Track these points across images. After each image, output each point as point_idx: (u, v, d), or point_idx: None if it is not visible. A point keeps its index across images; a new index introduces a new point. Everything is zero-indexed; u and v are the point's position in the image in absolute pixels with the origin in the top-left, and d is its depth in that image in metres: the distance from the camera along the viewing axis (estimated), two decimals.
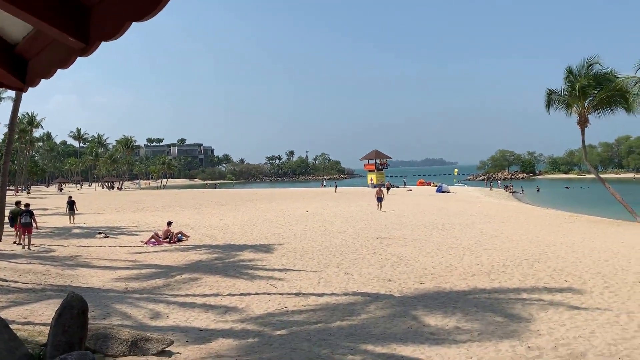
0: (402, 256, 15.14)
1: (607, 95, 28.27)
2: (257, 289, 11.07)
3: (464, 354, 6.81)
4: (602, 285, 10.97)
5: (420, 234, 20.62)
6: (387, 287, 11.14)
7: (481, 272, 12.66)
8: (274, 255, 15.59)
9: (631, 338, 7.46)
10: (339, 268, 13.40)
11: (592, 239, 18.80)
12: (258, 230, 22.36)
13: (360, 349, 7.02)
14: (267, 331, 7.96)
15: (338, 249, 16.72)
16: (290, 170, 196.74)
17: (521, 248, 16.42)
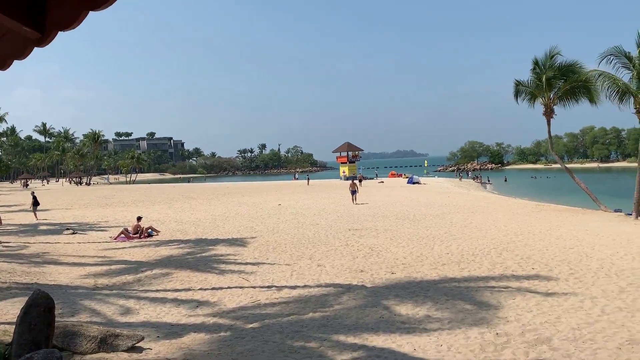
0: (374, 247, 15.27)
1: (571, 86, 28.95)
2: (230, 283, 11.02)
3: (434, 342, 6.92)
4: (568, 272, 11.27)
5: (392, 224, 20.81)
6: (359, 277, 11.22)
7: (451, 261, 12.87)
8: (247, 249, 15.53)
9: (594, 322, 7.70)
10: (311, 260, 13.43)
11: (558, 228, 19.29)
12: (230, 224, 22.23)
13: (332, 340, 7.07)
14: (240, 324, 7.94)
15: (311, 241, 16.76)
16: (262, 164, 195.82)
17: (490, 237, 16.75)
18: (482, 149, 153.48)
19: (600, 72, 25.15)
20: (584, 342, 6.88)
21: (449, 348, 6.70)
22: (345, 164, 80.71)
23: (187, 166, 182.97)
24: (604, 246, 14.58)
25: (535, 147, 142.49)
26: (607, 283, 10.17)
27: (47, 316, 5.45)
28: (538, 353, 6.49)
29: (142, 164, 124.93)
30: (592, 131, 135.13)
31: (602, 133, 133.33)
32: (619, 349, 6.56)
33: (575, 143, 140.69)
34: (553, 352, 6.53)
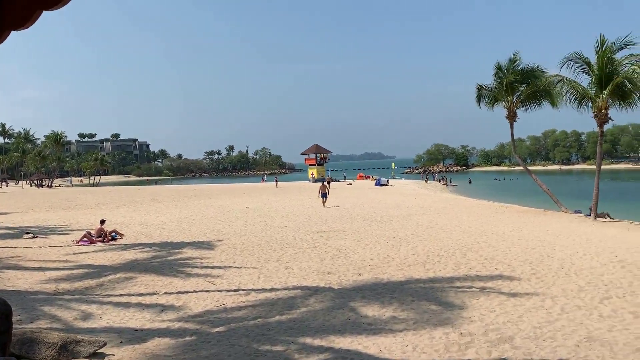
0: (341, 249, 15.33)
1: (533, 90, 29.73)
2: (195, 287, 10.88)
3: (399, 343, 6.99)
4: (530, 272, 11.55)
5: (359, 226, 20.94)
6: (326, 279, 11.24)
7: (417, 262, 13.02)
8: (213, 252, 15.37)
9: (554, 321, 7.91)
10: (279, 263, 13.39)
11: (521, 228, 19.76)
12: (196, 227, 21.97)
13: (299, 342, 7.06)
14: (205, 329, 7.85)
15: (278, 243, 16.70)
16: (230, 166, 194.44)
17: (455, 238, 17.02)
18: (447, 151, 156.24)
19: (560, 78, 25.91)
20: (545, 340, 7.06)
21: (414, 348, 6.78)
22: (313, 166, 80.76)
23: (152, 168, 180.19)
24: (564, 246, 15.01)
25: (499, 149, 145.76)
26: (567, 282, 10.47)
27: (4, 323, 5.24)
28: (500, 352, 6.63)
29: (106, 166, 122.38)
30: (554, 134, 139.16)
31: (563, 136, 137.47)
32: (578, 347, 6.76)
33: (537, 146, 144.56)
34: (515, 350, 6.67)
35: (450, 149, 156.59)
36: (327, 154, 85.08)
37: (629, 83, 23.15)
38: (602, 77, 23.83)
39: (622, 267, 11.82)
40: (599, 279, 10.72)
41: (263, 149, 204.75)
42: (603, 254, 13.59)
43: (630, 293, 9.51)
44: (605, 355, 6.47)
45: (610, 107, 24.29)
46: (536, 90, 29.24)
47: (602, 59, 23.72)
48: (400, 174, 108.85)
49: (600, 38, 24.08)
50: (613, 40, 23.84)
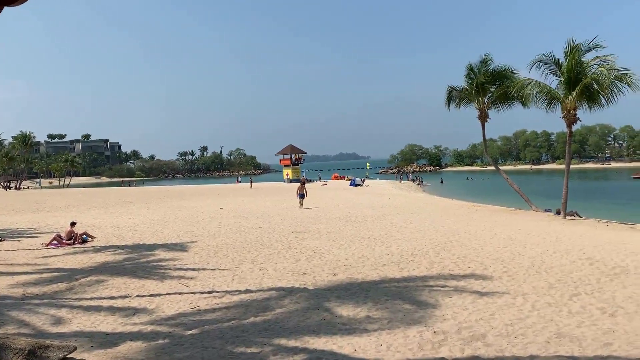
0: (316, 249, 15.32)
1: (504, 91, 30.24)
2: (168, 289, 10.74)
3: (374, 342, 7.02)
4: (502, 270, 11.73)
5: (334, 227, 20.97)
6: (301, 280, 11.23)
7: (391, 261, 13.10)
8: (187, 254, 15.20)
9: (525, 318, 8.05)
10: (253, 264, 13.31)
11: (493, 227, 20.07)
12: (169, 229, 21.70)
13: (273, 344, 7.03)
14: (179, 331, 7.76)
15: (253, 245, 16.61)
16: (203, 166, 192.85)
17: (428, 237, 17.19)
18: (421, 151, 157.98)
19: (529, 81, 26.41)
20: (516, 337, 7.17)
21: (388, 347, 6.82)
22: (288, 166, 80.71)
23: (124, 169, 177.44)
24: (534, 244, 15.30)
25: (471, 149, 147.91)
26: (537, 280, 10.67)
27: None
28: (473, 349, 6.71)
29: (76, 167, 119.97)
30: (525, 135, 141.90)
31: (534, 136, 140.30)
32: (548, 343, 6.89)
33: (508, 146, 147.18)
34: (487, 348, 6.77)
35: (424, 150, 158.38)
36: (302, 154, 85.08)
37: (596, 84, 23.73)
38: (570, 78, 24.37)
39: (591, 264, 12.10)
40: (568, 276, 10.95)
41: (237, 150, 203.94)
42: (572, 251, 13.89)
43: (598, 290, 9.74)
44: (574, 350, 6.61)
45: (578, 108, 24.86)
46: (507, 91, 29.75)
47: (571, 61, 24.26)
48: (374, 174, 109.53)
49: (570, 41, 24.65)
50: (581, 43, 24.44)
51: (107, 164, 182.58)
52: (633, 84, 22.73)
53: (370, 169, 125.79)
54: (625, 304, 8.74)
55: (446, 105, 33.91)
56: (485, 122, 32.14)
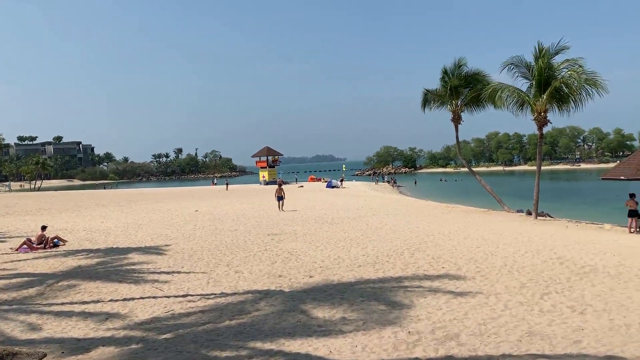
0: (293, 251, 15.31)
1: (476, 94, 30.69)
2: (142, 293, 10.60)
3: (349, 343, 7.05)
4: (475, 270, 11.91)
5: (311, 228, 20.98)
6: (277, 282, 11.20)
7: (367, 262, 13.18)
8: (161, 257, 15.02)
9: (498, 317, 8.19)
10: (229, 267, 13.23)
11: (466, 228, 20.33)
12: (143, 232, 21.40)
13: (248, 347, 7.00)
14: (152, 336, 7.67)
15: (229, 247, 16.51)
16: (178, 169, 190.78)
17: (403, 238, 17.33)
18: (396, 153, 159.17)
19: (501, 85, 26.84)
20: (489, 336, 7.29)
21: (363, 348, 6.86)
22: (265, 168, 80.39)
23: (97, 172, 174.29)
24: (507, 245, 15.56)
25: (445, 151, 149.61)
26: (509, 279, 10.85)
27: None
28: (447, 349, 6.79)
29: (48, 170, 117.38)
30: (497, 136, 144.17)
31: (506, 138, 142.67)
32: (520, 341, 7.02)
33: (481, 148, 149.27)
34: (461, 347, 6.86)
35: (399, 151, 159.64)
36: (278, 156, 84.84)
37: (566, 87, 24.23)
38: (541, 81, 24.85)
39: (561, 263, 12.37)
40: (539, 275, 11.17)
41: (213, 152, 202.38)
42: (543, 251, 14.17)
43: (568, 288, 9.97)
44: (545, 348, 6.75)
45: (549, 111, 25.36)
46: (479, 94, 30.19)
47: (540, 64, 24.74)
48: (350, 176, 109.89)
49: (538, 44, 25.16)
50: (548, 46, 24.96)
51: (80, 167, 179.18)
52: (601, 88, 23.28)
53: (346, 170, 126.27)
54: (594, 302, 8.96)
55: (422, 108, 34.27)
56: (459, 124, 32.58)
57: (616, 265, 12.07)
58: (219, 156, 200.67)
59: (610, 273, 11.22)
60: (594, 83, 23.48)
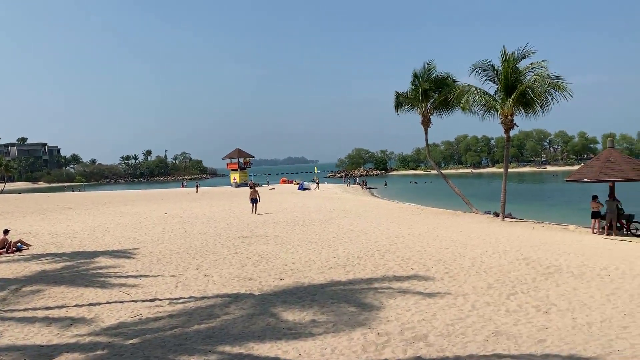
0: (263, 254, 15.23)
1: (445, 97, 31.14)
2: (109, 298, 10.39)
3: (319, 346, 7.05)
4: (443, 271, 12.05)
5: (282, 231, 20.92)
6: (247, 286, 11.13)
7: (338, 264, 13.21)
8: (129, 261, 14.75)
9: (466, 317, 8.30)
10: (198, 270, 13.08)
11: (435, 229, 20.58)
12: (111, 235, 21.00)
13: (217, 351, 6.93)
14: (118, 341, 7.52)
15: (198, 251, 16.33)
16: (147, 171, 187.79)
17: (374, 240, 17.44)
18: (367, 155, 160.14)
19: (468, 88, 27.30)
20: (456, 336, 7.39)
21: (332, 350, 6.87)
22: (236, 170, 79.86)
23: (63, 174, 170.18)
24: (475, 246, 15.81)
25: (415, 154, 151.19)
26: (477, 280, 11.03)
27: None
28: (415, 350, 6.86)
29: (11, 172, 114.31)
30: (466, 139, 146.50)
31: (474, 141, 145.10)
32: (486, 341, 7.13)
33: (451, 150, 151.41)
34: (429, 348, 6.93)
35: (370, 154, 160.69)
36: (249, 158, 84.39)
37: (531, 91, 24.78)
38: (507, 85, 25.36)
39: (527, 264, 12.63)
40: (506, 276, 11.38)
41: (183, 154, 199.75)
42: (510, 252, 14.45)
43: (534, 288, 10.18)
44: (510, 347, 6.87)
45: (515, 114, 25.89)
46: (448, 97, 30.65)
47: (506, 69, 25.25)
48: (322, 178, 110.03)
49: (504, 49, 25.67)
50: (514, 51, 25.50)
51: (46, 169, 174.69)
52: (565, 91, 23.90)
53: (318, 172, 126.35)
54: (558, 301, 9.17)
55: (396, 110, 34.56)
56: (428, 127, 32.99)
57: (579, 265, 12.39)
58: (189, 158, 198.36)
59: (574, 273, 11.51)
60: (558, 86, 24.09)
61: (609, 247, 15.78)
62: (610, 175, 20.04)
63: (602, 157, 21.50)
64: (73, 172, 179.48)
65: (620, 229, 20.28)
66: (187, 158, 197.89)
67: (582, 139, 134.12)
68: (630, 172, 19.87)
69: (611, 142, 22.92)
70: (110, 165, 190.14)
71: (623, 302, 9.00)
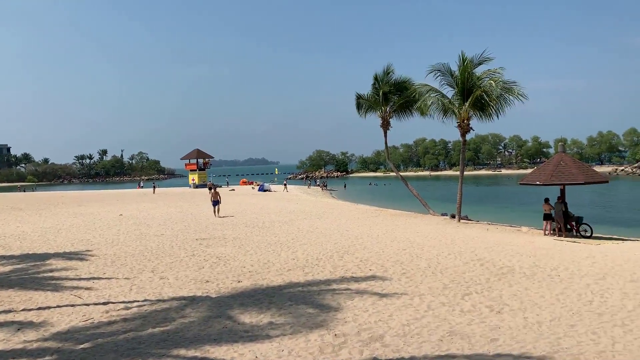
0: (221, 256, 15.07)
1: (405, 101, 31.61)
2: (59, 302, 10.05)
3: (275, 348, 7.02)
4: (400, 272, 12.21)
5: (241, 233, 20.74)
6: (204, 288, 10.98)
7: (297, 266, 13.19)
8: (81, 264, 14.32)
9: (421, 318, 8.43)
10: (154, 273, 12.81)
11: (394, 231, 20.84)
12: (63, 237, 20.34)
13: (171, 355, 6.81)
14: (69, 346, 7.28)
15: (154, 253, 16.00)
16: (103, 171, 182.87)
17: (333, 241, 17.51)
18: (329, 157, 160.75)
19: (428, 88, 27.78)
20: (412, 336, 7.49)
21: (289, 352, 6.85)
22: (194, 171, 78.72)
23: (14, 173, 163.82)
24: (431, 247, 16.09)
25: (375, 156, 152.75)
26: (433, 281, 11.22)
27: None
28: (371, 351, 6.91)
29: None
30: (424, 142, 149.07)
31: (432, 144, 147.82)
32: (441, 341, 7.26)
33: (409, 153, 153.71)
34: (385, 348, 7.00)
35: (331, 156, 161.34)
36: (209, 159, 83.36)
37: (487, 96, 25.44)
38: (464, 89, 25.96)
39: (481, 265, 12.93)
40: (461, 276, 11.62)
41: (140, 153, 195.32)
42: (465, 253, 14.77)
43: (488, 289, 10.43)
44: (464, 347, 7.01)
45: (471, 118, 26.53)
46: (407, 100, 31.12)
47: (464, 74, 25.84)
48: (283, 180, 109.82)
49: (462, 54, 26.27)
50: (472, 57, 26.13)
51: None
52: (519, 96, 24.67)
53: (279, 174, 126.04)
54: (511, 301, 9.43)
55: (357, 112, 34.86)
56: (388, 129, 33.41)
57: (531, 266, 12.77)
58: (147, 158, 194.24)
59: (526, 273, 11.86)
60: (512, 92, 24.83)
61: (559, 249, 16.34)
62: (561, 179, 20.77)
63: (553, 161, 22.24)
64: (24, 171, 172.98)
65: (570, 230, 21.04)
66: (145, 158, 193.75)
67: (536, 143, 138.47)
68: (579, 175, 20.65)
69: (562, 147, 23.73)
70: (63, 165, 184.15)
71: (571, 301, 9.33)
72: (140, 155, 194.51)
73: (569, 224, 21.01)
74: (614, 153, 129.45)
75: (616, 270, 12.16)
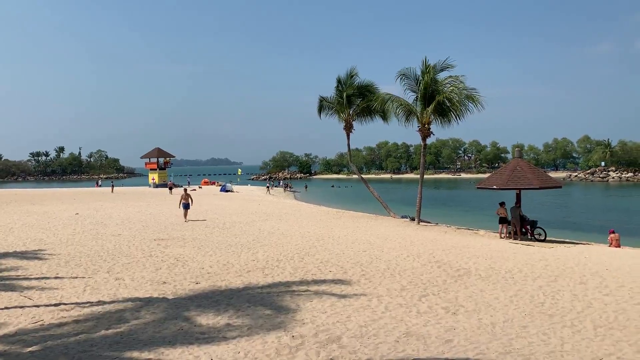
0: (179, 257, 14.84)
1: (367, 105, 31.90)
2: (7, 303, 9.68)
3: (232, 350, 6.95)
4: (360, 273, 12.30)
5: (200, 233, 20.48)
6: (160, 290, 10.78)
7: (257, 268, 13.12)
8: (33, 264, 13.84)
9: (379, 319, 8.51)
10: (109, 274, 12.51)
11: (354, 232, 20.99)
12: (15, 236, 19.62)
13: (124, 357, 6.65)
14: (16, 349, 7.02)
15: (110, 253, 15.62)
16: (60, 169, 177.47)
17: (294, 243, 17.49)
18: (292, 159, 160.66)
19: (389, 96, 28.16)
20: (369, 338, 7.55)
21: (246, 355, 6.79)
22: (155, 170, 77.19)
23: None
24: (391, 249, 16.28)
25: (338, 158, 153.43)
26: (391, 282, 11.35)
27: None
28: (328, 352, 6.93)
29: None
30: (387, 146, 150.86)
31: (395, 148, 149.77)
32: (397, 342, 7.34)
33: (372, 156, 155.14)
34: (342, 349, 7.03)
35: (295, 157, 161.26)
36: (170, 158, 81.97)
37: (448, 102, 25.94)
38: (426, 94, 26.39)
39: (439, 267, 13.16)
40: (419, 278, 11.80)
41: (98, 151, 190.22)
42: (423, 255, 15.01)
43: (444, 290, 10.62)
44: (419, 348, 7.11)
45: (432, 123, 26.98)
46: (370, 104, 31.42)
47: (426, 79, 26.27)
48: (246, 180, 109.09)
49: (425, 60, 26.72)
50: (435, 63, 26.59)
51: None
52: (479, 103, 25.26)
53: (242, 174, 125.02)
54: (466, 303, 9.62)
55: (318, 114, 34.97)
56: (350, 132, 33.65)
57: (487, 268, 13.08)
58: (105, 156, 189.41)
59: (482, 275, 12.14)
60: (472, 98, 25.40)
61: (514, 251, 16.78)
62: (517, 184, 21.32)
63: (510, 166, 22.83)
64: None
65: (525, 234, 21.63)
66: (103, 156, 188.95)
67: (494, 148, 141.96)
68: (534, 180, 21.25)
69: (519, 152, 24.38)
70: (18, 162, 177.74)
71: (524, 303, 9.60)
72: (99, 154, 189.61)
73: (524, 227, 21.59)
74: (569, 159, 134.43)
75: (567, 272, 12.59)
